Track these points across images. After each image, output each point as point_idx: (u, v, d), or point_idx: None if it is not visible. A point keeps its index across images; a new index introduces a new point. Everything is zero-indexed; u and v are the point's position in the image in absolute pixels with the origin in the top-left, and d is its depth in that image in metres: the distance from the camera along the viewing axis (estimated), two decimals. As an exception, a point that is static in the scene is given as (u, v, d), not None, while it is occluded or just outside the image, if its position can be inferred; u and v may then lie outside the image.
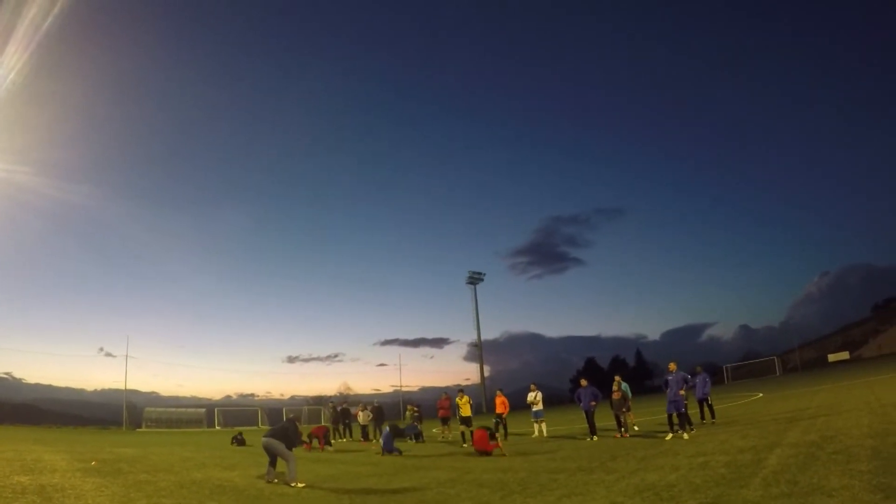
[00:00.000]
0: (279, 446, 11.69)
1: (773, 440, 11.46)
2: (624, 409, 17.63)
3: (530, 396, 20.62)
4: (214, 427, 55.93)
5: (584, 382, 18.35)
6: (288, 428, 12.16)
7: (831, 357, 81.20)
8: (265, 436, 12.04)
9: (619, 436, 16.61)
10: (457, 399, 20.91)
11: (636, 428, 18.53)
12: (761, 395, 32.30)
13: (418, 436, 22.82)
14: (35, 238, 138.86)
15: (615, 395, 17.97)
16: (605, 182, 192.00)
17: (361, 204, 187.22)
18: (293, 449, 11.83)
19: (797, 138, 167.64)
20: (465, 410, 20.12)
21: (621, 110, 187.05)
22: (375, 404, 28.39)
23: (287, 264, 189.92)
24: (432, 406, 27.80)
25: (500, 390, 23.17)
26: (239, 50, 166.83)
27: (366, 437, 25.18)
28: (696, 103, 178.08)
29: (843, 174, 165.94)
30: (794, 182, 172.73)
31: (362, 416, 26.16)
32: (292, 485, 11.07)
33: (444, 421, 24.25)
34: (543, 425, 20.49)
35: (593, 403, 17.49)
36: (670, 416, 15.00)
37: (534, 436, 20.17)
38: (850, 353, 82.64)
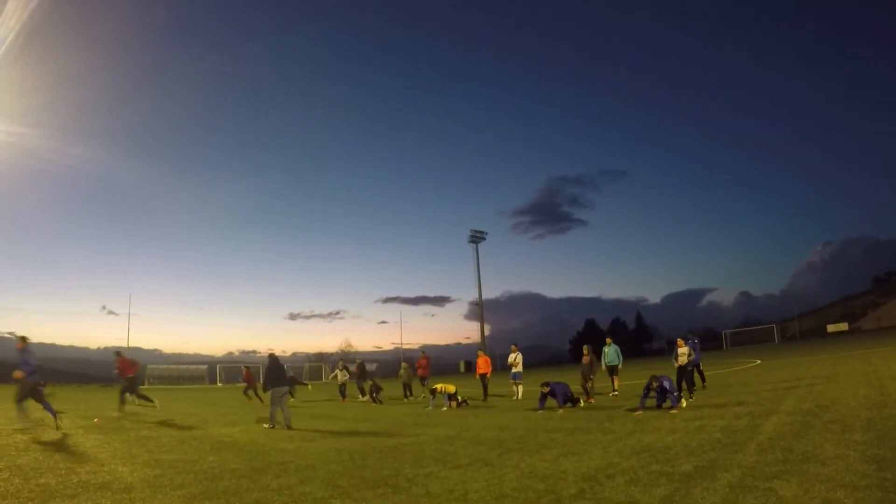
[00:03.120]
0: (285, 392, 13.98)
1: (769, 407, 11.54)
2: (592, 375, 17.48)
3: (510, 358, 20.38)
4: (217, 384, 56.67)
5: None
6: (290, 376, 14.59)
7: (830, 328, 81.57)
8: (279, 386, 13.93)
9: (587, 401, 16.04)
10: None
11: (616, 393, 18.08)
12: (759, 361, 32.49)
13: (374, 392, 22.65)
14: (37, 198, 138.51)
15: (584, 360, 17.87)
16: (611, 143, 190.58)
17: (364, 162, 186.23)
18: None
19: (806, 109, 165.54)
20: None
21: (629, 72, 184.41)
22: (358, 362, 28.48)
23: (289, 222, 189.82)
24: (433, 364, 28.02)
25: (483, 350, 23.16)
26: (241, 16, 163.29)
27: (343, 395, 25.13)
28: (704, 69, 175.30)
29: (852, 147, 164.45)
30: (801, 152, 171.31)
31: (339, 375, 26.13)
32: (292, 426, 13.35)
33: (423, 380, 24.24)
34: (520, 387, 20.21)
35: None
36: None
37: (515, 398, 19.91)
38: (850, 325, 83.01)
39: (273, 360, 14.33)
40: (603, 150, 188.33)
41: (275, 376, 13.96)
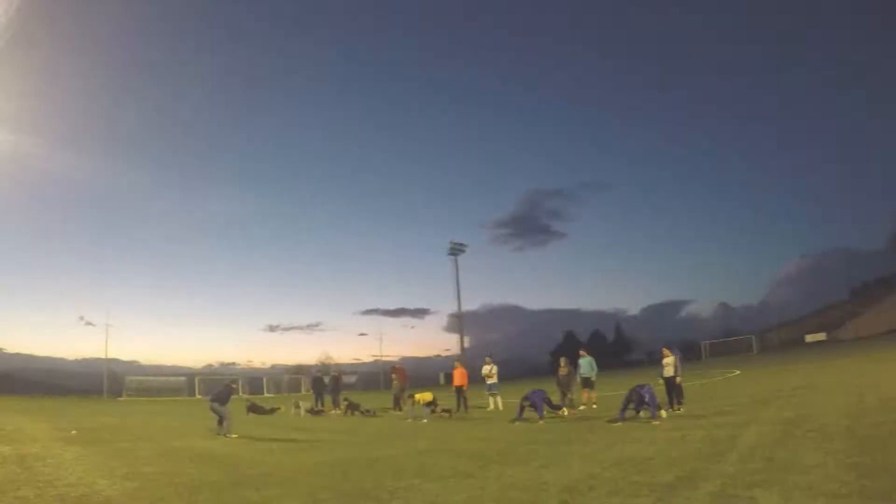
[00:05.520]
0: (220, 408, 14.82)
1: (749, 417, 11.58)
2: (570, 387, 17.69)
3: (485, 370, 20.31)
4: (195, 396, 56.03)
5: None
6: (224, 392, 15.42)
7: (808, 338, 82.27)
8: (210, 400, 15.57)
9: (564, 413, 15.66)
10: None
11: (594, 406, 17.65)
12: (738, 372, 32.70)
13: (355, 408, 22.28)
14: (11, 205, 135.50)
15: (562, 371, 18.02)
16: (590, 156, 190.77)
17: (344, 174, 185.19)
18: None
19: (783, 120, 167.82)
20: None
21: (609, 84, 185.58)
22: (334, 374, 28.32)
23: (268, 233, 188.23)
24: (410, 376, 27.90)
25: (459, 362, 23.04)
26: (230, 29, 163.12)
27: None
28: (683, 81, 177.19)
29: (829, 158, 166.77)
30: (779, 164, 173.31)
31: (294, 412, 25.63)
32: (230, 436, 14.19)
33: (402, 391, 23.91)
34: (499, 399, 20.10)
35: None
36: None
37: (489, 409, 19.96)
38: (828, 335, 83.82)
39: (227, 387, 15.94)
40: (582, 162, 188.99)
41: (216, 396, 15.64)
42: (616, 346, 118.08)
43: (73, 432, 15.42)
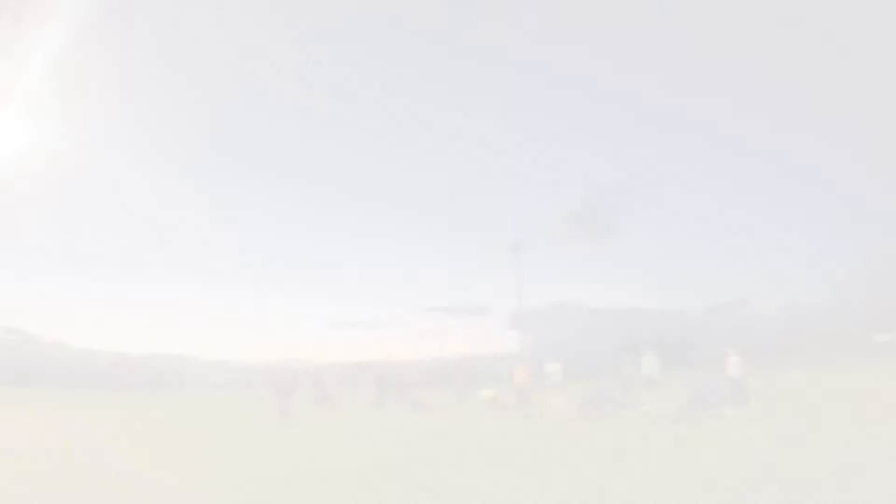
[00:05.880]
0: (283, 403, 16.09)
1: (816, 418, 11.37)
2: (632, 386, 17.56)
3: (548, 368, 20.63)
4: (256, 391, 57.10)
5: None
6: (286, 387, 17.09)
7: (877, 337, 79.08)
8: (272, 395, 17.21)
9: (628, 412, 15.67)
10: None
11: (658, 404, 17.28)
12: (806, 372, 31.68)
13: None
14: (78, 209, 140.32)
15: (625, 370, 17.92)
16: (652, 151, 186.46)
17: (404, 174, 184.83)
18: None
19: (853, 110, 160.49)
20: None
21: (670, 77, 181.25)
22: (394, 374, 28.67)
23: (327, 229, 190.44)
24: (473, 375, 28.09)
25: (523, 361, 23.11)
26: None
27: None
28: (739, 73, 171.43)
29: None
30: (847, 154, 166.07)
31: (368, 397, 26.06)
32: (292, 430, 14.46)
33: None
34: (562, 397, 20.04)
35: None
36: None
37: (552, 407, 19.95)
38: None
39: (287, 380, 18.01)
40: (644, 157, 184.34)
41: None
42: (679, 345, 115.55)
43: (138, 425, 15.93)
